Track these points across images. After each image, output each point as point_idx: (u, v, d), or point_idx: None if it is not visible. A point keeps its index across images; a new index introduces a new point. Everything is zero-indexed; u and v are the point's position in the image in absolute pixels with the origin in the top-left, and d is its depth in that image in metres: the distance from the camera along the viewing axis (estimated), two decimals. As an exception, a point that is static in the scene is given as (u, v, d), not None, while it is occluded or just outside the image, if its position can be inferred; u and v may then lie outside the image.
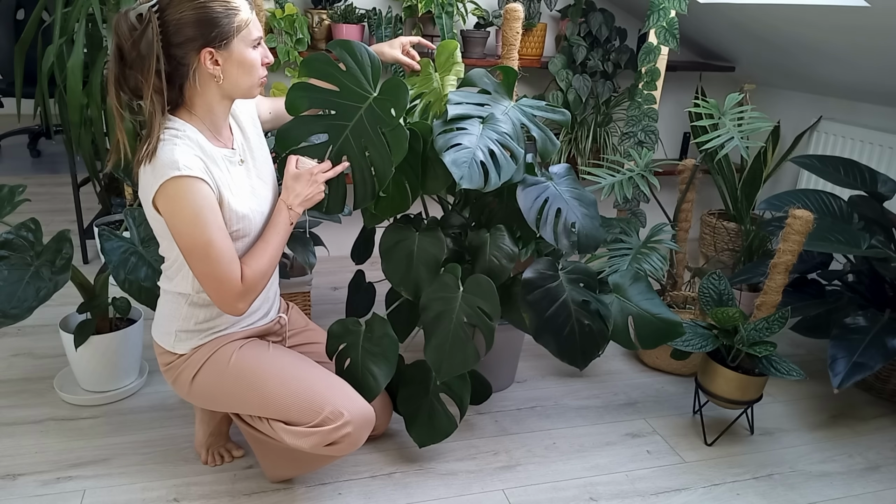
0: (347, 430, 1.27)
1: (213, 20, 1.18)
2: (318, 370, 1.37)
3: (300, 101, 1.39)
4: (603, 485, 1.58)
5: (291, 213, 1.34)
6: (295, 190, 1.34)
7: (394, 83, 1.36)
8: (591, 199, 1.63)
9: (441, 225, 1.58)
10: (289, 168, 1.35)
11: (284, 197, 1.34)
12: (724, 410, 1.89)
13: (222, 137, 1.32)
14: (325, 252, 2.81)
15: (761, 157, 2.51)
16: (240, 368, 1.34)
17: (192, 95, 1.25)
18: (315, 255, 1.95)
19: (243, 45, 1.23)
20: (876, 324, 1.77)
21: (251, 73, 1.26)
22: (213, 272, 1.22)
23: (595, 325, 1.53)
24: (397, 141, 1.35)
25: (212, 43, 1.19)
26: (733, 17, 2.38)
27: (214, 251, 1.21)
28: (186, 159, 1.19)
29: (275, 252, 1.32)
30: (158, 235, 1.31)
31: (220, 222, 1.23)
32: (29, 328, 2.10)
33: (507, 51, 1.95)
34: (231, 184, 1.29)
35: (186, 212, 1.19)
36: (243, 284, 1.25)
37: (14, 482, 1.47)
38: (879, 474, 1.68)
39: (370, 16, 2.38)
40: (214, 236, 1.21)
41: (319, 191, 1.36)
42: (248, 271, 1.26)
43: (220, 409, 1.40)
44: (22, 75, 2.29)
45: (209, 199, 1.21)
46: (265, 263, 1.29)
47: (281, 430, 1.31)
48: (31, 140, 4.12)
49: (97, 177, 2.40)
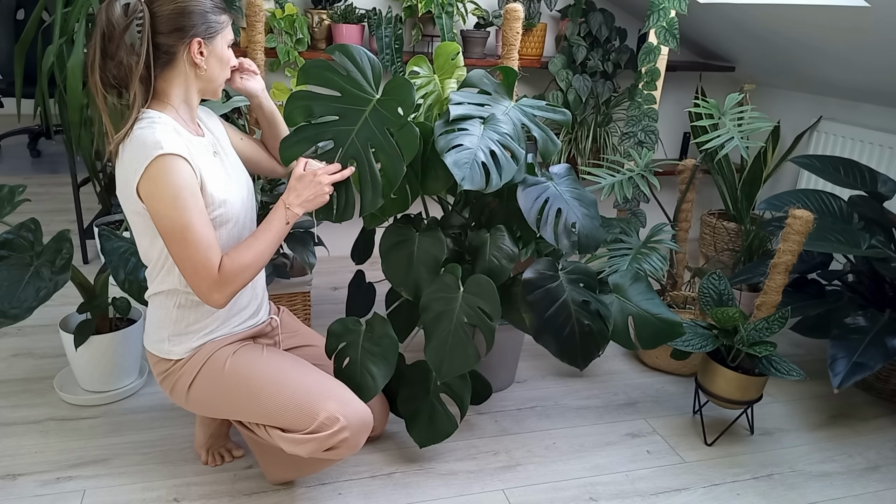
0: (344, 434, 1.26)
1: (203, 13, 1.24)
2: (314, 374, 1.36)
3: (298, 112, 1.38)
4: (603, 485, 1.58)
5: (289, 213, 1.31)
6: (297, 190, 1.32)
7: (398, 82, 1.35)
8: (591, 199, 1.63)
9: (441, 225, 1.58)
10: (296, 170, 1.34)
11: (285, 196, 1.33)
12: (724, 410, 1.89)
13: (194, 128, 1.34)
14: (325, 252, 2.81)
15: (761, 157, 2.51)
16: (235, 374, 1.33)
17: (169, 86, 1.27)
18: (315, 255, 1.95)
19: (223, 43, 1.29)
20: (876, 324, 1.77)
21: (224, 69, 1.32)
22: (190, 256, 1.21)
23: (595, 326, 1.53)
24: (407, 140, 1.34)
25: (203, 34, 1.24)
26: (733, 17, 2.38)
27: (191, 234, 1.20)
28: (166, 138, 1.19)
29: (262, 248, 1.29)
30: (138, 235, 1.29)
31: (200, 206, 1.22)
32: (29, 328, 2.10)
33: (507, 51, 1.96)
34: (209, 168, 1.28)
35: (167, 192, 1.18)
36: (220, 274, 1.23)
37: (14, 482, 1.47)
38: (879, 474, 1.68)
39: (370, 16, 2.38)
40: (193, 220, 1.20)
41: (322, 193, 1.33)
42: (227, 261, 1.24)
43: (218, 416, 1.40)
44: (22, 75, 2.28)
45: (190, 180, 1.20)
46: (248, 258, 1.26)
47: (278, 438, 1.30)
48: (31, 140, 4.12)
49: (97, 177, 2.40)
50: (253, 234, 1.30)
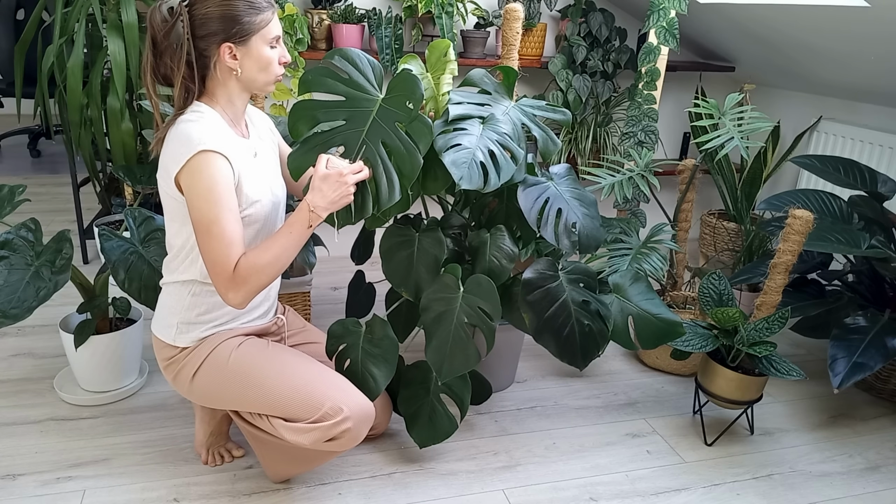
0: (347, 425, 1.28)
1: (235, 17, 1.24)
2: (318, 366, 1.37)
3: (303, 123, 1.37)
4: (603, 485, 1.58)
5: (312, 216, 1.27)
6: (322, 191, 1.27)
7: (402, 77, 1.35)
8: (591, 199, 1.63)
9: (441, 225, 1.58)
10: (318, 168, 1.28)
11: (310, 198, 1.28)
12: (724, 410, 1.89)
13: (240, 128, 1.37)
14: (325, 252, 2.81)
15: (761, 157, 2.51)
16: (239, 364, 1.34)
17: (214, 86, 1.31)
18: (315, 255, 1.95)
19: (261, 43, 1.28)
20: (876, 324, 1.77)
21: (267, 69, 1.31)
22: (213, 249, 1.23)
23: (595, 325, 1.53)
24: (421, 132, 1.33)
25: (232, 38, 1.25)
26: (733, 17, 2.38)
27: (217, 228, 1.22)
28: (210, 135, 1.23)
29: (281, 250, 1.26)
30: (169, 219, 1.33)
31: (231, 203, 1.24)
32: (29, 328, 2.10)
33: (507, 51, 1.95)
34: (248, 169, 1.31)
35: (202, 185, 1.22)
36: (234, 272, 1.23)
37: (14, 482, 1.47)
38: (879, 474, 1.68)
39: (370, 16, 2.38)
40: (222, 215, 1.22)
41: (348, 193, 1.29)
42: (243, 261, 1.23)
43: (220, 406, 1.41)
44: (22, 75, 2.29)
45: (226, 177, 1.23)
46: (266, 259, 1.25)
47: (281, 427, 1.31)
48: (31, 140, 4.12)
49: (97, 177, 2.40)
50: (273, 237, 1.28)
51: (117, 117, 2.09)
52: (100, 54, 2.13)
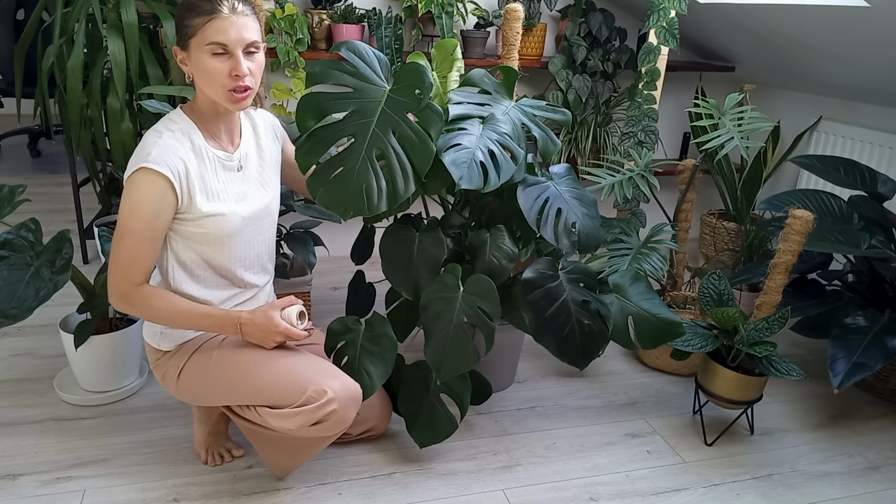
0: (332, 406, 1.27)
1: (179, 17, 1.21)
2: (302, 354, 1.37)
3: (311, 115, 1.36)
4: (603, 485, 1.58)
5: (237, 329, 1.32)
6: (257, 325, 1.31)
7: (409, 67, 1.36)
8: (591, 199, 1.63)
9: (441, 225, 1.58)
10: (275, 315, 1.32)
11: (248, 313, 1.32)
12: (724, 410, 1.89)
13: (221, 139, 1.34)
14: (325, 252, 2.81)
15: (761, 157, 2.51)
16: (222, 358, 1.35)
17: (198, 90, 1.29)
18: (315, 255, 1.95)
19: (198, 50, 1.19)
20: (876, 324, 1.77)
21: (211, 81, 1.20)
22: (117, 258, 1.24)
23: (595, 325, 1.53)
24: (431, 119, 1.34)
25: (179, 41, 1.23)
26: (733, 17, 2.38)
27: (128, 240, 1.23)
28: (162, 152, 1.21)
29: (184, 318, 1.29)
30: None
31: (153, 226, 1.23)
32: (29, 328, 2.10)
33: (507, 51, 1.95)
34: (212, 184, 1.29)
35: (131, 199, 1.22)
36: (130, 291, 1.26)
37: (14, 482, 1.47)
38: (879, 474, 1.68)
39: (370, 16, 2.38)
40: (138, 231, 1.22)
41: (270, 344, 1.34)
42: (148, 291, 1.27)
43: (208, 402, 1.42)
44: (22, 75, 2.29)
45: (158, 199, 1.22)
46: (165, 310, 1.27)
47: (267, 415, 1.31)
48: (31, 140, 4.12)
49: (97, 177, 2.40)
50: (194, 304, 1.31)
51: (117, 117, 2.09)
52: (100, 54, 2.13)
